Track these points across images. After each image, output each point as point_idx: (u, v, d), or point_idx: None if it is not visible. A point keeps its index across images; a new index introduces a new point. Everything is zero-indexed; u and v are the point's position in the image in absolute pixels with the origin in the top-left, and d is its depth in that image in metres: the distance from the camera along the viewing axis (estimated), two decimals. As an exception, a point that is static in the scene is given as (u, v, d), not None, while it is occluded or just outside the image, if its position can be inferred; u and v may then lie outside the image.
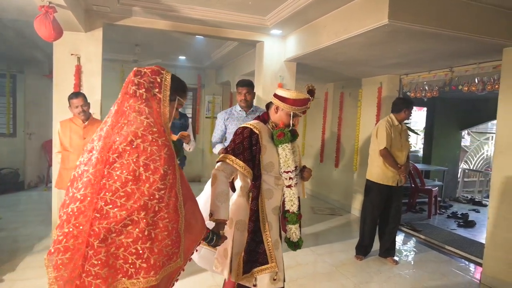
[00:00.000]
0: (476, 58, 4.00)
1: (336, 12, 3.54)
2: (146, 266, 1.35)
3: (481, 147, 9.58)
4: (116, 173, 1.35)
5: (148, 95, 1.44)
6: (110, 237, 1.33)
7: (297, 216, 2.15)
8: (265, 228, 2.02)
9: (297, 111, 2.06)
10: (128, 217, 1.33)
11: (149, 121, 1.40)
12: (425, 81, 4.92)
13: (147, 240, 1.35)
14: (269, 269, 2.00)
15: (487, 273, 3.57)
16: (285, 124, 2.09)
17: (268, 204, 2.06)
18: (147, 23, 4.11)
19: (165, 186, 1.39)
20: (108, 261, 1.34)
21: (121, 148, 1.36)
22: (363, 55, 4.07)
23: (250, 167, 1.98)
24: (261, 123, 2.12)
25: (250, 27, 4.28)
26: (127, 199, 1.33)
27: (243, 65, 6.24)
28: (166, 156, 1.40)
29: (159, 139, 1.40)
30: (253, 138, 2.00)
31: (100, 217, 1.32)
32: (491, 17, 3.19)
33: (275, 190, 2.10)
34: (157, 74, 1.47)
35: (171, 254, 1.43)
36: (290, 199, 2.11)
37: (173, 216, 1.41)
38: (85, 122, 3.36)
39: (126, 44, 5.88)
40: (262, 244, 2.01)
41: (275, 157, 2.06)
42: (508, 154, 3.41)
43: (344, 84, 6.46)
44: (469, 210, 6.73)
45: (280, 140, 2.05)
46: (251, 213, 2.01)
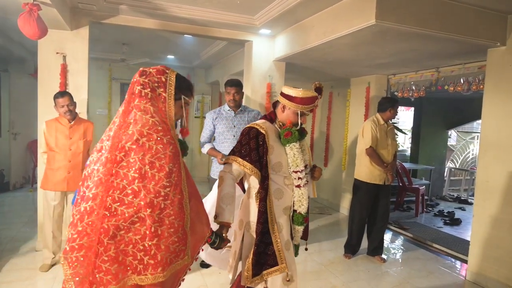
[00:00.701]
0: (462, 59, 4.07)
1: (324, 12, 3.56)
2: (154, 263, 1.38)
3: (467, 146, 9.74)
4: (123, 172, 1.38)
5: (153, 95, 1.46)
6: (119, 234, 1.36)
7: (304, 218, 2.07)
8: (274, 229, 1.97)
9: (304, 109, 2.02)
10: (135, 214, 1.36)
11: (154, 120, 1.42)
12: (412, 81, 4.99)
13: (154, 237, 1.37)
14: (279, 270, 1.96)
15: (472, 270, 3.63)
16: (292, 123, 2.04)
17: (277, 204, 2.01)
18: (134, 22, 4.07)
19: (170, 184, 1.41)
20: (118, 258, 1.37)
21: (127, 147, 1.39)
22: (351, 55, 4.10)
23: (257, 168, 1.94)
24: (267, 123, 2.08)
25: (238, 26, 4.27)
26: (134, 196, 1.37)
27: (232, 65, 6.22)
28: (171, 154, 1.42)
29: (164, 138, 1.42)
30: (260, 138, 1.96)
31: (109, 215, 1.36)
32: (476, 18, 3.24)
33: (285, 190, 2.04)
34: (162, 73, 1.50)
35: (178, 251, 1.45)
36: (298, 200, 2.05)
37: (178, 213, 1.43)
38: (71, 121, 3.31)
39: (114, 42, 5.81)
40: (271, 245, 1.96)
41: (283, 156, 2.02)
42: (492, 153, 3.47)
43: (333, 84, 6.50)
44: (455, 208, 6.84)
45: (287, 139, 2.01)
46: (259, 215, 1.96)
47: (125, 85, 7.81)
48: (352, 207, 4.12)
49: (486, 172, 3.54)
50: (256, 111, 3.64)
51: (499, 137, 3.41)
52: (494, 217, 3.45)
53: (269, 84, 4.69)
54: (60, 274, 3.28)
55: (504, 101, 3.37)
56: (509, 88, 3.33)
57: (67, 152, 3.29)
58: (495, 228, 3.44)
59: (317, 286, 3.36)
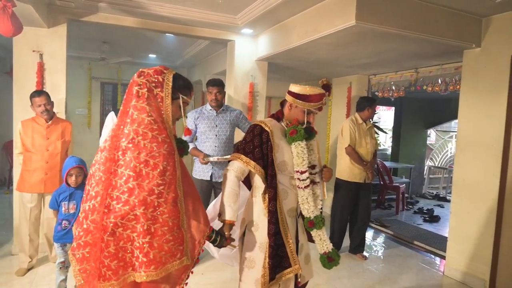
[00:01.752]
0: (439, 60, 4.17)
1: (306, 13, 3.58)
2: (146, 260, 1.39)
3: (445, 145, 9.98)
4: (120, 170, 1.41)
5: (150, 94, 1.48)
6: (118, 231, 1.39)
7: (308, 222, 1.98)
8: (286, 230, 1.93)
9: (311, 107, 1.96)
10: (131, 212, 1.38)
11: (150, 119, 1.44)
12: (392, 81, 5.08)
13: (147, 234, 1.38)
14: (293, 271, 1.92)
15: (450, 266, 3.72)
16: (299, 121, 1.99)
17: (284, 205, 1.96)
18: (114, 20, 3.99)
19: (164, 182, 1.42)
20: (118, 254, 1.40)
21: (124, 146, 1.43)
22: (332, 55, 4.14)
23: (260, 165, 1.90)
24: (274, 121, 2.06)
25: (221, 25, 4.25)
26: (129, 194, 1.39)
27: (215, 64, 6.19)
28: (165, 153, 1.44)
29: (159, 136, 1.44)
30: (264, 136, 1.93)
31: (108, 212, 1.40)
32: (452, 21, 3.32)
33: (290, 191, 1.99)
34: (159, 73, 1.52)
35: (174, 250, 1.44)
36: (301, 202, 1.97)
37: (172, 212, 1.44)
38: (48, 121, 3.23)
39: (93, 41, 5.69)
40: (283, 247, 1.92)
41: (288, 155, 1.97)
42: (468, 152, 3.57)
43: (316, 84, 6.53)
44: (434, 205, 7.01)
45: (292, 137, 1.95)
46: (270, 215, 1.91)
47: (105, 84, 7.68)
48: (334, 205, 4.17)
49: (462, 170, 3.63)
50: (238, 111, 3.63)
51: (475, 136, 3.51)
52: (470, 213, 3.55)
53: (252, 83, 4.69)
54: (37, 279, 3.20)
55: (479, 101, 3.47)
56: (484, 88, 3.43)
57: (44, 153, 3.20)
58: (471, 224, 3.53)
59: (299, 284, 3.37)
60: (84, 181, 2.70)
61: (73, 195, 2.65)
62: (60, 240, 2.64)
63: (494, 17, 3.37)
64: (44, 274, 3.28)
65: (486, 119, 3.41)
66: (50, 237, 3.26)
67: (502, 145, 3.27)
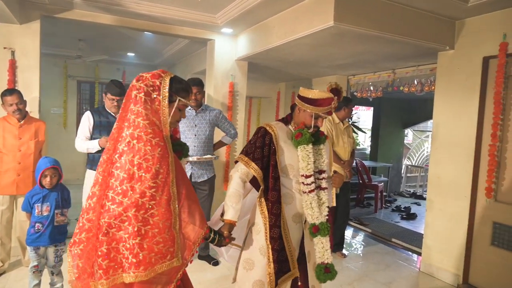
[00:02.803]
0: (415, 61, 4.27)
1: (285, 13, 3.59)
2: (136, 261, 1.41)
3: (422, 145, 10.24)
4: (116, 172, 1.46)
5: (148, 98, 1.51)
6: (111, 232, 1.43)
7: (313, 227, 1.93)
8: (286, 234, 1.92)
9: (319, 112, 1.91)
10: (124, 213, 1.42)
11: (145, 123, 1.47)
12: (371, 82, 5.17)
13: (137, 236, 1.41)
14: (291, 276, 1.92)
15: (425, 262, 3.82)
16: (306, 125, 1.96)
17: (286, 210, 1.95)
18: (90, 17, 3.90)
19: (157, 185, 1.45)
20: (110, 254, 1.43)
21: (121, 149, 1.47)
22: (311, 55, 4.18)
23: (258, 166, 1.90)
24: (280, 124, 2.05)
25: (200, 24, 4.22)
26: (123, 196, 1.43)
27: (195, 63, 6.15)
28: (159, 156, 1.46)
29: (153, 140, 1.47)
30: (267, 138, 1.93)
31: (104, 212, 1.44)
32: (427, 23, 3.41)
33: (296, 196, 1.97)
34: (157, 77, 1.54)
35: (165, 252, 1.46)
36: (305, 207, 1.94)
37: (164, 214, 1.46)
38: (20, 121, 3.13)
39: (69, 38, 5.55)
40: (284, 251, 1.92)
41: (295, 159, 1.94)
42: (442, 151, 3.67)
43: (295, 84, 6.59)
44: (411, 203, 7.18)
45: (298, 140, 1.92)
46: (275, 218, 1.90)
47: (82, 83, 7.49)
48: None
49: (437, 168, 3.73)
50: (218, 110, 3.62)
51: (449, 135, 3.61)
52: (444, 210, 3.65)
53: (232, 83, 4.67)
54: (9, 284, 3.09)
55: (453, 102, 3.57)
56: (457, 89, 3.53)
57: (16, 153, 3.10)
58: (445, 221, 3.64)
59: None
60: (58, 183, 2.63)
61: (47, 197, 2.57)
62: (33, 243, 2.56)
63: (467, 20, 3.48)
64: (17, 279, 3.18)
65: (459, 119, 3.51)
66: (22, 241, 3.16)
67: (474, 144, 3.38)
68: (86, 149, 3.04)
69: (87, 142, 3.04)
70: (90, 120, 3.11)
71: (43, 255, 2.61)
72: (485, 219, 3.35)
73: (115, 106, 3.11)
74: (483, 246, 3.36)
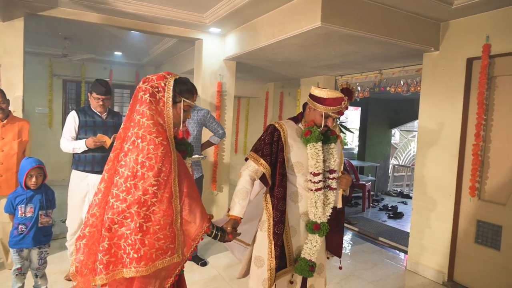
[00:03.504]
0: (402, 62, 4.32)
1: (273, 13, 3.60)
2: (137, 257, 1.46)
3: (409, 144, 10.38)
4: (121, 170, 1.51)
5: (153, 99, 1.56)
6: (114, 228, 1.48)
7: (314, 225, 1.93)
8: (287, 232, 1.94)
9: (329, 111, 1.91)
10: (127, 210, 1.47)
11: (149, 123, 1.52)
12: (358, 82, 5.22)
13: (139, 232, 1.46)
14: (287, 272, 1.93)
15: (411, 260, 3.87)
16: (316, 124, 1.98)
17: (293, 208, 1.96)
18: (76, 15, 3.84)
19: (159, 183, 1.49)
20: (111, 250, 1.48)
21: (126, 147, 1.53)
22: (299, 56, 4.19)
23: (267, 162, 1.92)
24: (290, 122, 2.05)
25: (188, 24, 4.20)
26: (127, 193, 1.48)
27: (183, 63, 6.11)
28: (161, 155, 1.51)
29: (156, 139, 1.51)
30: (275, 135, 1.95)
31: (108, 209, 1.50)
32: (413, 25, 3.45)
33: (304, 194, 1.97)
34: (162, 79, 1.60)
35: (165, 248, 1.51)
36: (310, 205, 1.95)
37: (166, 211, 1.50)
38: (3, 120, 3.06)
39: (54, 36, 5.46)
40: (283, 247, 1.95)
41: (304, 157, 1.95)
42: (428, 150, 3.73)
43: (284, 84, 6.61)
44: (398, 202, 7.27)
45: (306, 138, 1.94)
46: (280, 215, 1.91)
47: (68, 82, 7.37)
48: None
49: (423, 168, 3.79)
50: (206, 110, 3.60)
51: (434, 135, 3.67)
52: (429, 209, 3.71)
53: (220, 83, 4.66)
54: (-9, 287, 3.03)
55: (438, 102, 3.63)
56: (442, 90, 3.59)
57: (-2, 154, 3.03)
58: (431, 219, 3.69)
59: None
60: (43, 183, 2.59)
61: (31, 198, 2.52)
62: (16, 245, 2.51)
63: (451, 22, 3.54)
64: (0, 282, 3.11)
65: (444, 119, 3.57)
66: (5, 243, 3.09)
67: (459, 143, 3.44)
68: (72, 149, 3.00)
69: (73, 142, 3.00)
70: (76, 120, 3.07)
71: (27, 257, 2.56)
72: (469, 217, 3.41)
73: (100, 106, 3.08)
74: (467, 244, 3.42)
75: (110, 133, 3.19)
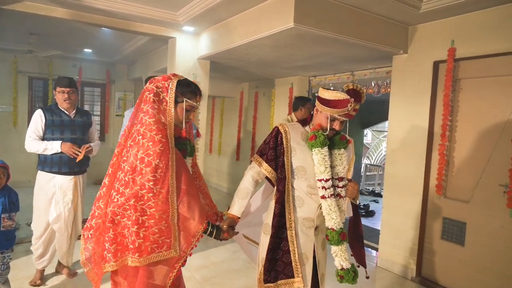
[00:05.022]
0: (373, 64, 4.43)
1: (246, 13, 3.60)
2: (132, 247, 1.54)
3: (380, 144, 10.67)
4: (123, 165, 1.59)
5: (156, 99, 1.65)
6: (116, 219, 1.56)
7: (339, 235, 1.85)
8: (292, 237, 1.86)
9: (335, 113, 1.82)
10: (126, 203, 1.54)
11: (151, 121, 1.60)
12: (331, 83, 5.30)
13: (135, 224, 1.53)
14: (295, 283, 1.85)
15: (382, 257, 3.98)
16: (322, 127, 1.88)
17: (297, 213, 1.89)
18: (43, 10, 3.69)
19: (155, 178, 1.55)
20: (116, 239, 1.57)
21: (129, 144, 1.61)
22: (273, 56, 4.21)
23: (272, 167, 1.89)
24: (297, 124, 2.00)
25: (161, 22, 4.13)
26: (125, 187, 1.55)
27: (156, 61, 6.00)
28: (159, 152, 1.56)
29: (156, 136, 1.58)
30: (279, 137, 1.90)
31: (111, 202, 1.58)
32: (383, 28, 3.55)
33: (307, 199, 1.89)
34: (166, 79, 1.69)
35: (161, 242, 1.56)
36: (327, 213, 1.85)
37: (161, 207, 1.56)
38: (-38, 119, 2.91)
39: (19, 32, 5.22)
40: (289, 254, 1.86)
41: (308, 161, 1.88)
42: (397, 150, 3.84)
43: (258, 84, 6.63)
44: (370, 201, 7.45)
45: (311, 143, 1.85)
46: (273, 218, 1.87)
47: (34, 79, 7.07)
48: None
49: (392, 167, 3.90)
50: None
51: (403, 135, 3.78)
52: (399, 207, 3.82)
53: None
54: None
55: (406, 103, 3.75)
56: (410, 91, 3.70)
57: (-42, 154, 2.87)
58: (400, 217, 3.81)
59: (243, 283, 3.39)
60: (6, 184, 2.47)
61: (-7, 200, 2.40)
62: (-23, 249, 2.39)
63: (419, 26, 3.66)
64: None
65: (413, 120, 3.69)
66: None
67: (426, 143, 3.57)
68: (43, 149, 2.89)
69: (46, 142, 2.90)
70: (42, 119, 2.96)
71: (-12, 262, 2.44)
72: (436, 214, 3.54)
73: (66, 101, 2.98)
74: (434, 240, 3.55)
75: (79, 132, 3.10)
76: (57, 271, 3.31)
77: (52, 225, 3.03)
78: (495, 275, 3.08)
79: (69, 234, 3.11)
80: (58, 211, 3.01)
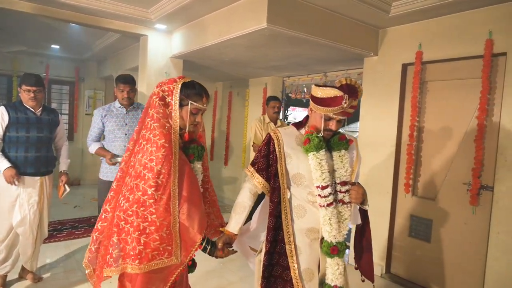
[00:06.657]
0: (345, 65, 4.51)
1: (220, 12, 3.57)
2: (133, 254, 1.52)
3: (352, 144, 10.90)
4: (130, 170, 1.59)
5: (161, 103, 1.62)
6: (121, 224, 1.54)
7: (331, 248, 1.69)
8: (292, 252, 1.72)
9: (329, 112, 1.65)
10: (130, 208, 1.53)
11: (155, 125, 1.58)
12: (304, 84, 5.37)
13: (136, 230, 1.51)
14: None
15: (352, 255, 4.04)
16: (317, 128, 1.73)
17: (298, 224, 1.74)
18: (6, 3, 3.52)
19: (157, 184, 1.52)
20: (119, 244, 1.55)
21: (136, 149, 1.61)
22: (246, 56, 4.21)
23: (263, 177, 1.77)
24: (291, 128, 1.86)
25: (132, 19, 4.03)
26: (130, 192, 1.54)
27: (127, 59, 5.86)
28: (161, 157, 1.54)
29: (159, 141, 1.55)
30: (271, 144, 1.77)
31: (117, 207, 1.58)
32: (354, 30, 3.62)
33: (309, 208, 1.74)
34: (171, 83, 1.65)
35: (162, 249, 1.54)
36: (323, 223, 1.70)
37: (162, 213, 1.53)
38: None
39: (-20, 26, 4.96)
40: (288, 271, 1.72)
41: (305, 167, 1.72)
42: (368, 150, 3.92)
43: (233, 83, 6.61)
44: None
45: (305, 147, 1.71)
46: (268, 232, 1.73)
47: (-3, 76, 6.75)
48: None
49: (364, 166, 3.98)
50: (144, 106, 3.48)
51: (373, 136, 3.87)
52: (370, 206, 3.87)
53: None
54: None
55: (377, 104, 3.84)
56: (380, 93, 3.80)
57: None
58: (371, 215, 3.83)
59: (215, 283, 3.38)
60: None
61: None
62: None
63: (389, 29, 3.76)
64: None
65: (382, 121, 3.79)
66: None
67: (395, 143, 3.67)
68: None
69: None
70: (4, 117, 2.83)
71: None
72: (404, 212, 3.65)
73: (32, 99, 2.87)
74: (403, 238, 3.66)
75: (46, 131, 2.99)
76: (21, 276, 3.17)
77: (16, 228, 2.90)
78: (459, 270, 3.21)
79: (34, 238, 2.99)
80: (23, 213, 2.89)
